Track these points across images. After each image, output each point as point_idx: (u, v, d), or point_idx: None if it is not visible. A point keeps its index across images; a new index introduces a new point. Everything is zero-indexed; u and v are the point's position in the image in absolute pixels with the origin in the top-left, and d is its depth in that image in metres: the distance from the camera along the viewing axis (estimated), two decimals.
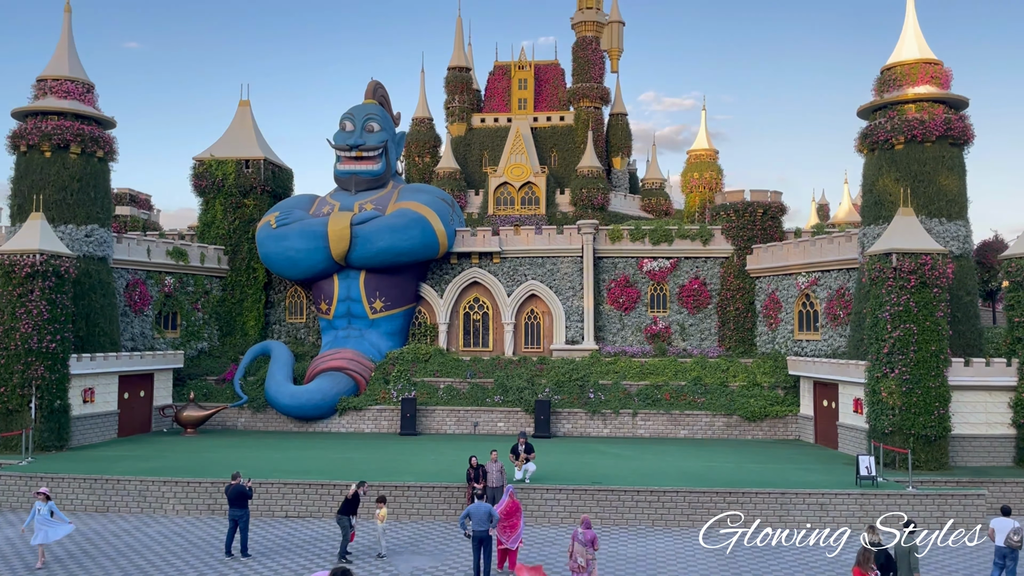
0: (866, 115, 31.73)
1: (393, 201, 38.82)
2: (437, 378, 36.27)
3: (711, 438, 33.67)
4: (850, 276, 33.52)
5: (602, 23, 51.24)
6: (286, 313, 41.92)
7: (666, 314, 39.51)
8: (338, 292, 38.07)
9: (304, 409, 34.72)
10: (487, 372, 36.52)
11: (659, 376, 35.63)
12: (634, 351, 37.98)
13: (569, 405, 34.64)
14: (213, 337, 40.19)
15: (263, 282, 41.19)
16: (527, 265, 39.89)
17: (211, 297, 40.18)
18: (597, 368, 36.32)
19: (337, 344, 37.59)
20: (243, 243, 41.02)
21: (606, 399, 34.67)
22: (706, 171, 48.04)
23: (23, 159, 31.91)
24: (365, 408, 35.19)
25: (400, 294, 38.98)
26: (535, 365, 36.85)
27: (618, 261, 39.73)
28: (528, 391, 34.90)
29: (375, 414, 35.26)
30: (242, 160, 41.44)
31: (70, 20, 33.38)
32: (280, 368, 35.77)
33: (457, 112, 50.97)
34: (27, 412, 27.80)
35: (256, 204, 41.35)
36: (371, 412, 35.25)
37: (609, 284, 39.65)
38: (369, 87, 41.65)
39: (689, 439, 33.44)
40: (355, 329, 38.24)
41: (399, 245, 36.95)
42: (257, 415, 35.81)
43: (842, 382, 29.83)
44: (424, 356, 37.29)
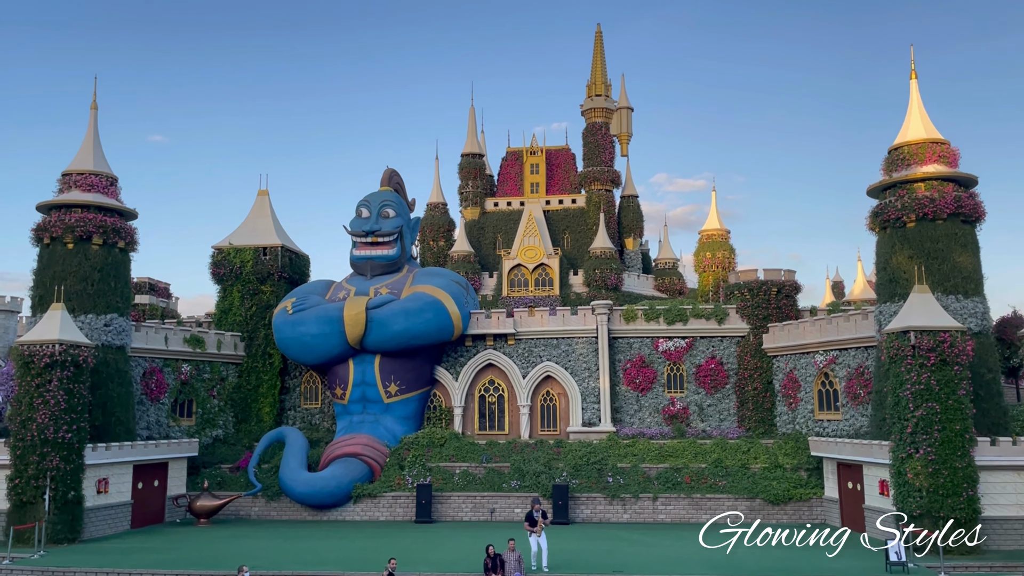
0: (876, 194, 32.08)
1: (408, 285, 39.20)
2: (452, 463, 35.87)
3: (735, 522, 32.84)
4: (869, 354, 33.25)
5: (611, 109, 52.61)
6: (301, 399, 41.86)
7: (683, 394, 39.14)
8: (353, 376, 38.07)
9: (318, 497, 34.28)
10: (503, 456, 36.11)
11: (679, 458, 35.09)
12: (652, 433, 37.50)
13: (587, 490, 34.04)
14: (228, 424, 40.09)
15: (279, 368, 41.31)
16: (542, 346, 39.86)
17: (227, 384, 40.27)
18: (615, 451, 35.82)
19: (352, 429, 37.38)
20: (260, 329, 41.35)
21: (625, 483, 34.08)
22: (718, 250, 48.37)
23: (46, 251, 32.65)
24: (380, 495, 34.71)
25: (415, 377, 38.92)
26: (552, 448, 36.41)
27: (633, 341, 39.66)
28: (545, 475, 34.38)
29: (390, 501, 34.73)
30: (260, 248, 42.17)
31: (96, 117, 34.68)
32: (294, 455, 35.51)
33: (471, 197, 51.95)
34: (41, 504, 27.61)
35: (273, 290, 41.85)
36: (386, 499, 34.74)
37: (625, 364, 39.47)
38: (385, 174, 42.66)
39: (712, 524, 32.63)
40: (370, 414, 38.05)
41: (414, 328, 37.12)
42: (271, 504, 35.35)
43: (867, 463, 29.23)
44: (439, 440, 36.95)
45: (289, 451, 35.71)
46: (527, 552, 23.45)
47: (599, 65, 53.11)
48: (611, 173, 50.58)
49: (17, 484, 27.84)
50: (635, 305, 40.58)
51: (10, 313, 41.36)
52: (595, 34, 54.05)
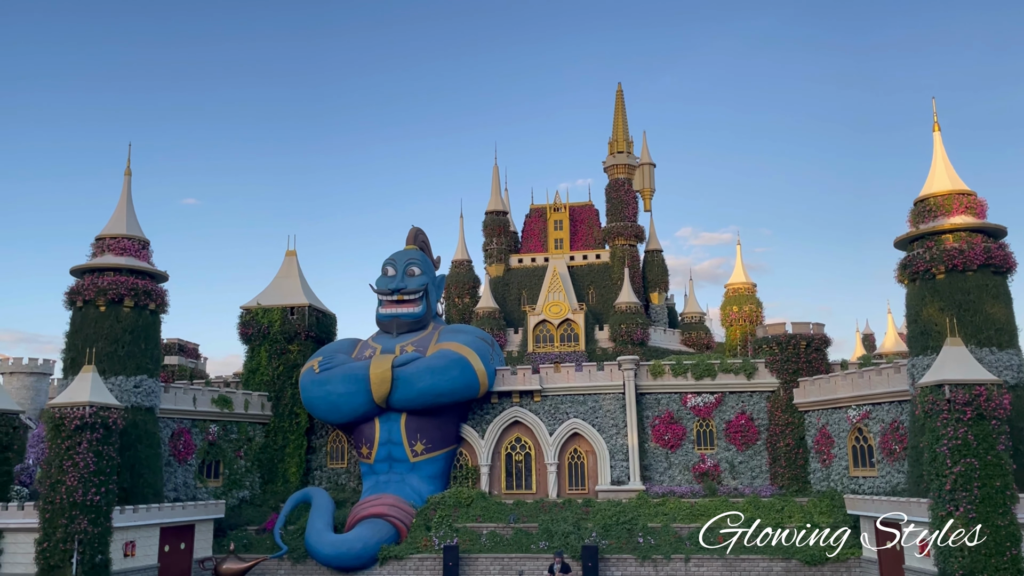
0: (903, 246, 31.90)
1: (434, 342, 39.33)
2: (480, 523, 35.46)
3: None
4: (903, 409, 32.63)
5: (633, 165, 53.15)
6: (327, 458, 41.77)
7: (714, 451, 38.55)
8: (379, 435, 38.00)
9: (345, 559, 33.95)
10: (531, 516, 35.64)
11: (711, 518, 34.34)
12: (683, 491, 36.87)
13: (618, 550, 33.36)
14: (255, 485, 40.02)
15: (305, 427, 41.36)
16: (568, 403, 39.62)
17: (254, 444, 40.34)
18: (645, 510, 35.24)
19: (378, 489, 37.17)
20: (287, 389, 41.54)
21: (656, 543, 33.38)
22: (745, 304, 48.11)
23: (79, 314, 33.30)
24: (407, 557, 34.29)
25: (441, 436, 38.76)
26: (580, 508, 35.92)
27: (661, 397, 39.30)
28: (574, 536, 33.82)
29: (417, 563, 34.28)
30: (287, 307, 42.66)
31: (129, 183, 35.71)
32: (320, 516, 35.30)
33: (495, 254, 52.38)
34: (68, 567, 27.62)
35: (300, 350, 42.16)
36: (413, 561, 34.30)
37: (653, 421, 39.04)
38: (410, 233, 43.23)
39: None
40: (396, 473, 37.86)
41: (440, 386, 37.11)
42: (297, 566, 35.04)
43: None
44: (466, 500, 36.60)
45: (315, 512, 35.51)
46: None
47: (620, 122, 53.88)
48: (635, 228, 50.83)
49: (45, 548, 27.91)
50: (662, 360, 40.32)
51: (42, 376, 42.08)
52: (616, 93, 54.98)
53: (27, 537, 29.06)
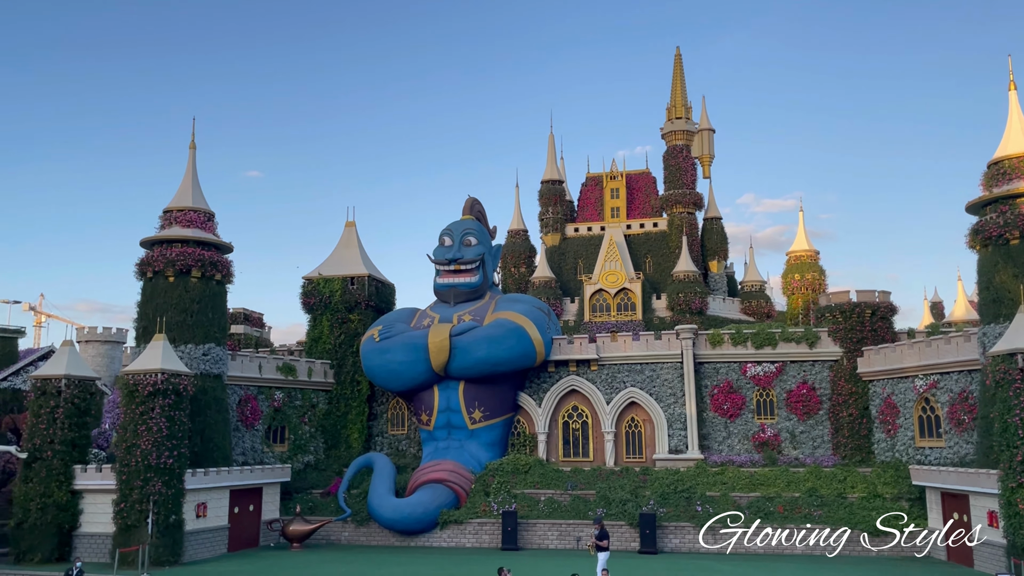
0: (976, 210, 30.75)
1: (491, 312, 39.59)
2: (537, 490, 35.85)
3: (830, 554, 31.65)
4: (972, 378, 31.68)
5: (692, 131, 52.16)
6: (388, 425, 42.63)
7: (774, 421, 38.11)
8: (438, 403, 38.57)
9: (406, 522, 34.76)
10: (588, 484, 35.89)
11: (770, 487, 34.16)
12: (742, 460, 36.63)
13: (675, 519, 33.43)
14: (319, 450, 41.13)
15: (367, 395, 42.22)
16: (625, 372, 39.55)
17: (317, 410, 41.38)
18: (703, 479, 35.15)
19: (437, 455, 37.82)
20: (348, 357, 42.39)
21: (715, 512, 33.32)
22: (807, 272, 47.09)
23: (149, 284, 34.48)
24: (466, 521, 34.93)
25: (499, 404, 39.14)
26: (638, 476, 36.01)
27: (720, 366, 38.93)
28: (632, 503, 33.99)
29: (476, 528, 34.90)
30: (348, 277, 43.34)
31: (194, 156, 36.62)
32: (382, 481, 36.13)
33: (551, 223, 52.22)
34: (144, 527, 28.93)
35: (360, 319, 42.89)
36: (472, 526, 34.94)
37: (712, 390, 38.75)
38: (467, 203, 43.38)
39: (807, 555, 31.53)
40: (455, 440, 38.43)
41: (497, 355, 37.40)
42: (360, 529, 36.02)
43: (973, 493, 27.73)
44: (524, 467, 37.00)
45: (377, 477, 36.36)
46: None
47: (679, 87, 52.85)
48: (693, 195, 50.04)
49: (122, 508, 29.28)
50: (721, 329, 39.91)
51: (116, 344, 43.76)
52: (674, 57, 53.87)
53: (105, 498, 30.52)
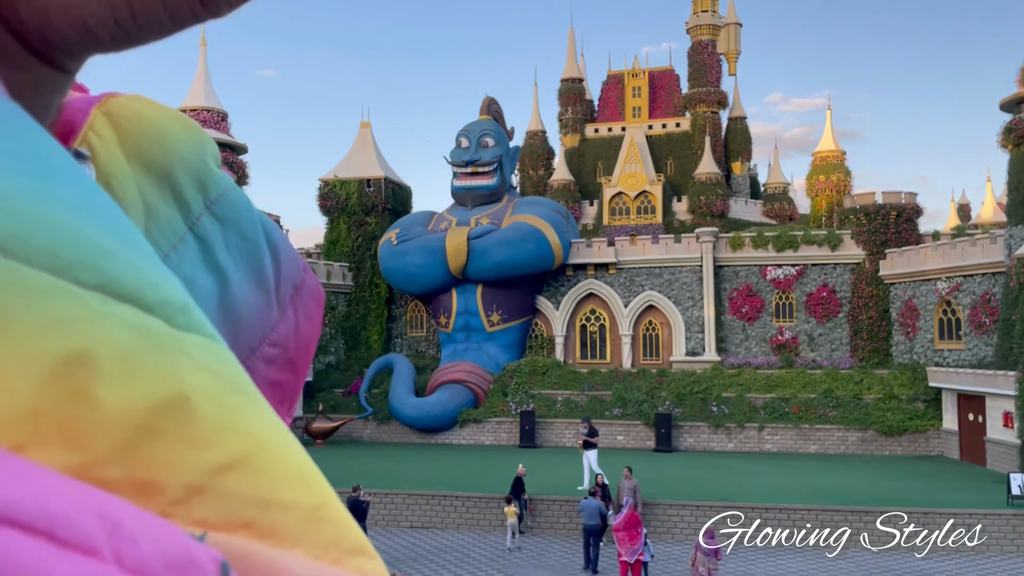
0: (1010, 108, 29.79)
1: (508, 215, 39.47)
2: (555, 391, 36.56)
3: (844, 453, 32.44)
4: (996, 281, 31.46)
5: (718, 26, 50.36)
6: (407, 327, 43.29)
7: (792, 324, 38.30)
8: (456, 306, 39.00)
9: (426, 421, 35.73)
10: (605, 384, 36.54)
11: (786, 388, 34.69)
12: (759, 362, 37.08)
13: (691, 419, 34.18)
14: (339, 351, 41.98)
15: (385, 297, 42.73)
16: (644, 275, 39.61)
17: (337, 312, 42.04)
18: (720, 380, 35.70)
19: (456, 357, 38.48)
20: (366, 260, 42.71)
21: (730, 412, 34.03)
22: (833, 173, 46.27)
23: None
24: (485, 420, 35.85)
25: (516, 307, 39.51)
26: (655, 377, 36.61)
27: (740, 269, 38.87)
28: (648, 404, 34.66)
29: (494, 426, 35.85)
30: (364, 180, 43.21)
31: (205, 54, 35.99)
32: (402, 381, 36.97)
33: (570, 124, 51.28)
34: None
35: (378, 222, 42.97)
36: (490, 424, 35.87)
37: (731, 293, 38.83)
38: (483, 103, 42.58)
39: (820, 455, 32.37)
40: (473, 342, 39.02)
41: (515, 258, 37.49)
42: (382, 427, 37.11)
43: (990, 394, 27.99)
44: (541, 368, 37.64)
45: (397, 377, 37.19)
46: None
47: None
48: (717, 94, 48.74)
49: None
50: (742, 232, 39.67)
51: None
52: None
53: None
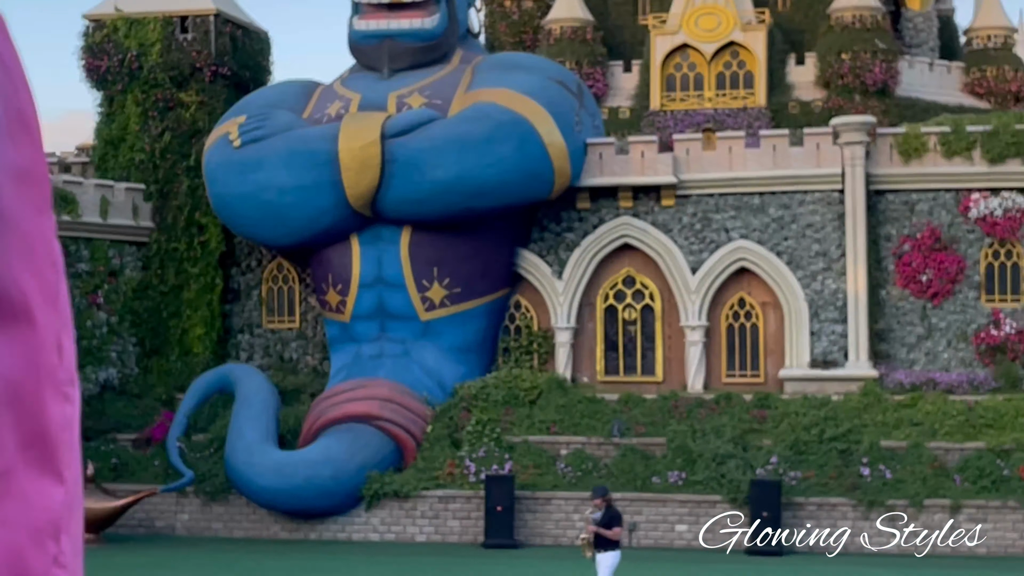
0: None
1: (463, 89, 39.36)
2: (555, 436, 36.55)
3: None
4: None
5: None
6: (262, 310, 42.91)
7: (1019, 305, 38.42)
8: (360, 269, 38.85)
9: (300, 495, 35.47)
10: (652, 425, 36.60)
11: (1007, 433, 34.79)
12: (954, 380, 37.23)
13: (820, 491, 34.31)
14: (128, 359, 41.62)
15: (218, 251, 42.29)
16: (731, 210, 39.60)
17: (122, 281, 41.64)
18: (876, 416, 35.85)
19: (361, 371, 38.37)
20: (180, 178, 42.36)
21: (897, 479, 34.11)
22: None
23: None
24: (416, 495, 35.74)
25: (479, 273, 39.45)
26: (749, 411, 36.68)
27: (918, 199, 39.07)
28: (736, 463, 34.75)
29: (435, 507, 35.76)
30: (174, 17, 42.75)
31: None
32: (253, 417, 36.67)
33: None
34: None
35: (203, 102, 42.56)
36: (427, 503, 35.79)
37: (901, 245, 38.95)
38: None
39: None
40: (394, 341, 39.02)
41: (476, 174, 37.45)
42: (212, 507, 36.84)
43: None
44: (528, 393, 37.58)
45: (243, 409, 36.88)
46: None
47: None
48: None
49: None
50: (922, 125, 39.69)
51: None
52: None
53: None
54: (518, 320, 40.74)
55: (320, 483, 35.38)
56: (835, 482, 34.40)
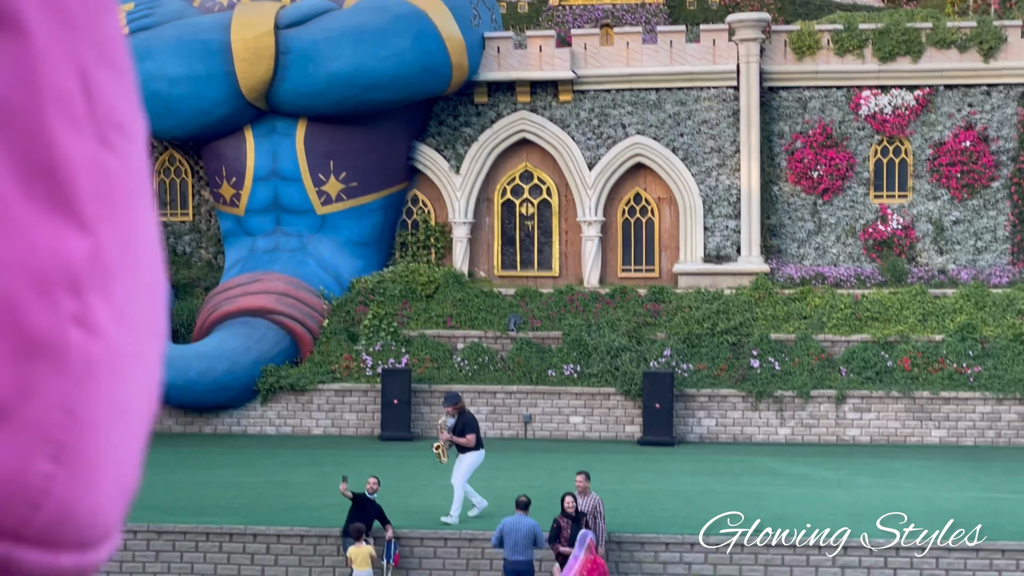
0: None
1: None
2: (452, 331, 36.76)
3: (994, 444, 33.63)
4: None
5: None
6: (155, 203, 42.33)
7: (906, 200, 39.03)
8: (255, 162, 38.55)
9: (194, 389, 35.27)
10: (548, 319, 36.85)
11: (891, 325, 35.49)
12: (842, 275, 37.80)
13: (711, 383, 34.91)
14: None
15: None
16: (628, 106, 39.59)
17: None
18: (767, 309, 36.43)
19: (255, 264, 38.31)
20: None
21: (784, 370, 34.74)
22: None
23: None
24: (312, 388, 35.82)
25: (375, 166, 39.26)
26: (643, 305, 37.02)
27: (811, 96, 39.33)
28: (631, 356, 35.11)
29: (331, 400, 35.90)
30: None
31: None
32: None
33: None
34: None
35: None
36: (324, 396, 35.91)
37: (793, 142, 39.23)
38: None
39: (950, 446, 33.50)
40: (290, 235, 38.93)
41: (372, 67, 37.12)
42: None
43: None
44: (426, 288, 37.73)
45: None
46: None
47: None
48: None
49: None
50: (816, 22, 39.94)
51: None
52: None
53: None
54: (415, 215, 40.63)
55: (214, 377, 35.25)
56: (726, 374, 34.97)
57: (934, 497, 26.60)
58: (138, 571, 23.35)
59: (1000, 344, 34.72)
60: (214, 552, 23.38)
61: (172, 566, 23.39)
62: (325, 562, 22.37)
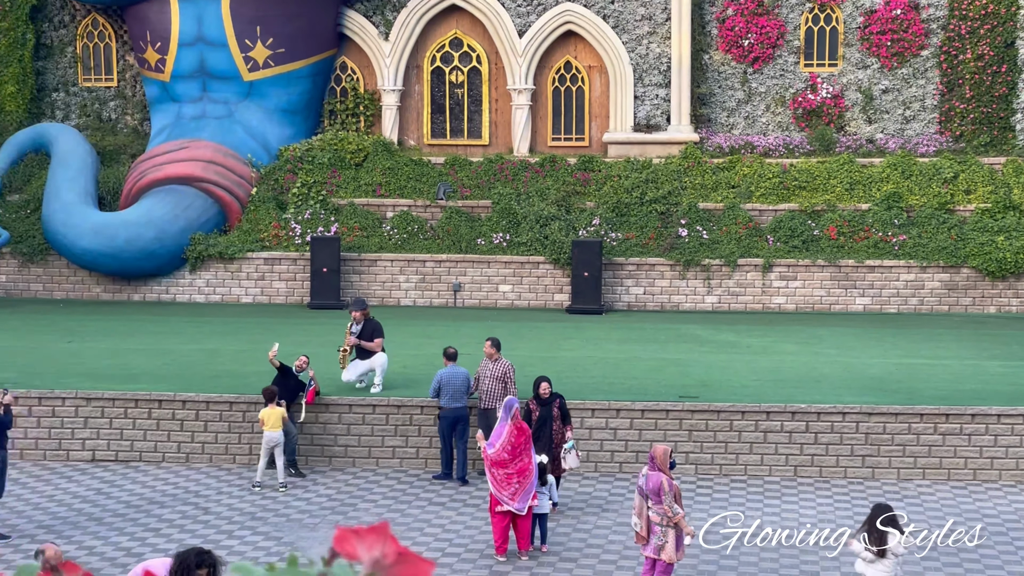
0: None
1: None
2: (381, 199, 36.74)
3: (917, 312, 34.18)
4: None
5: None
6: (78, 68, 41.67)
7: (836, 70, 39.08)
8: (180, 26, 37.85)
9: (121, 257, 35.21)
10: (478, 188, 36.93)
11: (818, 194, 35.85)
12: (771, 144, 37.92)
13: (639, 251, 35.17)
14: None
15: (28, 4, 40.62)
16: None
17: None
18: (696, 178, 36.59)
19: (182, 131, 37.84)
20: None
21: (712, 239, 35.07)
22: None
23: None
24: (240, 257, 35.76)
25: (303, 32, 38.75)
26: (573, 172, 37.07)
27: None
28: (560, 224, 35.25)
29: (260, 268, 35.86)
30: None
31: None
32: (71, 179, 36.05)
33: None
34: None
35: None
36: (253, 264, 35.87)
37: (724, 10, 39.01)
38: None
39: (874, 314, 34.01)
40: (217, 102, 38.47)
41: None
42: (31, 268, 36.46)
43: None
44: (355, 155, 37.55)
45: (60, 169, 36.21)
46: None
47: None
48: None
49: None
50: None
51: None
52: None
53: None
54: (344, 82, 40.19)
55: (142, 245, 35.11)
56: (654, 243, 35.20)
57: (855, 363, 27.15)
58: (67, 437, 23.36)
59: (925, 213, 35.16)
60: (143, 419, 23.40)
61: (101, 432, 23.40)
62: (254, 428, 22.43)
